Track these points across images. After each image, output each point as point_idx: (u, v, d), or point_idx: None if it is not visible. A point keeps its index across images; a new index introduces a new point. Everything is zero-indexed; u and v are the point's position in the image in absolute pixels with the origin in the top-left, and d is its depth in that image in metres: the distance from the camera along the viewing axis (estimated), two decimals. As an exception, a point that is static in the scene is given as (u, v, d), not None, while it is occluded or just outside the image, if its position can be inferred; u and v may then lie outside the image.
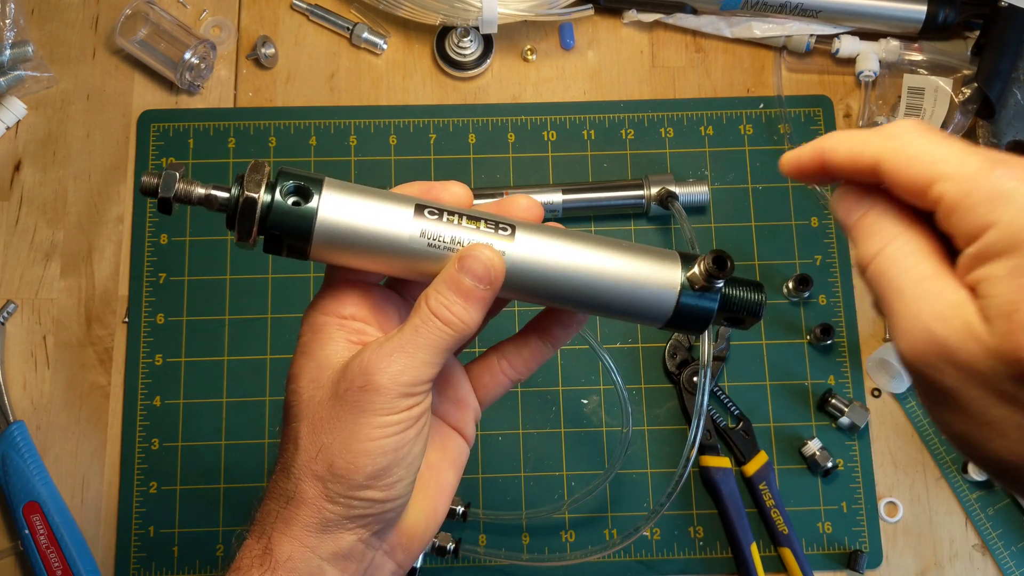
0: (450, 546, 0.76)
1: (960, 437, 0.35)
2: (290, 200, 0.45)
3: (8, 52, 0.85)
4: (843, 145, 0.38)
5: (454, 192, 0.48)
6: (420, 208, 0.46)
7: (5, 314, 0.82)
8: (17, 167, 0.86)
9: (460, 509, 0.77)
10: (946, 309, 0.34)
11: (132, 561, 0.78)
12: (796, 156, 0.40)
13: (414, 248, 0.45)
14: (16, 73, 0.86)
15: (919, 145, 0.36)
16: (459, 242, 0.46)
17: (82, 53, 0.89)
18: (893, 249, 0.36)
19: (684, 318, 0.47)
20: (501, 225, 0.47)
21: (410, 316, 0.45)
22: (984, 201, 0.33)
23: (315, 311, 0.48)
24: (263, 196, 0.44)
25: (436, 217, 0.46)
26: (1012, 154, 0.35)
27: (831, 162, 0.39)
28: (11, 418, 0.79)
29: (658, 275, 0.47)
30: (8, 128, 0.86)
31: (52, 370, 0.81)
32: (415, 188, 0.48)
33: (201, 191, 0.46)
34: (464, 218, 0.46)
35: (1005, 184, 0.33)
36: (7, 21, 0.85)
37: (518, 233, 0.47)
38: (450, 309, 0.45)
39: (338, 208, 0.45)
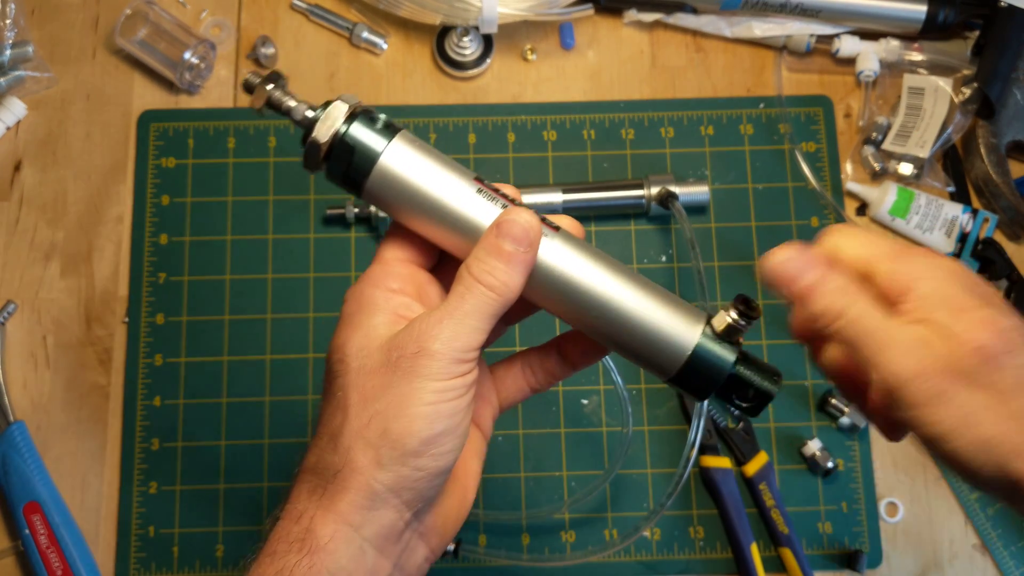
0: (450, 546, 0.76)
1: (942, 435, 0.42)
2: (369, 126, 0.46)
3: (8, 52, 0.85)
4: (789, 263, 0.47)
5: (508, 191, 0.50)
6: (480, 179, 0.48)
7: (5, 314, 0.82)
8: (17, 167, 0.86)
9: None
10: (914, 340, 0.43)
11: (132, 561, 0.78)
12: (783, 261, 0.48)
13: (464, 207, 0.47)
14: (16, 73, 0.86)
15: (854, 249, 0.47)
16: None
17: (82, 53, 0.89)
18: (861, 305, 0.45)
19: (699, 363, 0.46)
20: (548, 219, 0.48)
21: (454, 285, 0.46)
22: (903, 282, 0.45)
23: (362, 284, 0.49)
24: (344, 120, 0.46)
25: (493, 190, 0.47)
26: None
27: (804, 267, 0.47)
28: (11, 418, 0.79)
29: (683, 314, 0.47)
30: (8, 128, 0.86)
31: (52, 370, 0.81)
32: None
33: (291, 102, 0.48)
34: (516, 202, 0.48)
35: (915, 266, 0.45)
36: (7, 21, 0.85)
37: (561, 233, 0.48)
38: (492, 274, 0.46)
39: (406, 149, 0.47)
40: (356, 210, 0.83)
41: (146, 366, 0.82)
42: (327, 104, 0.47)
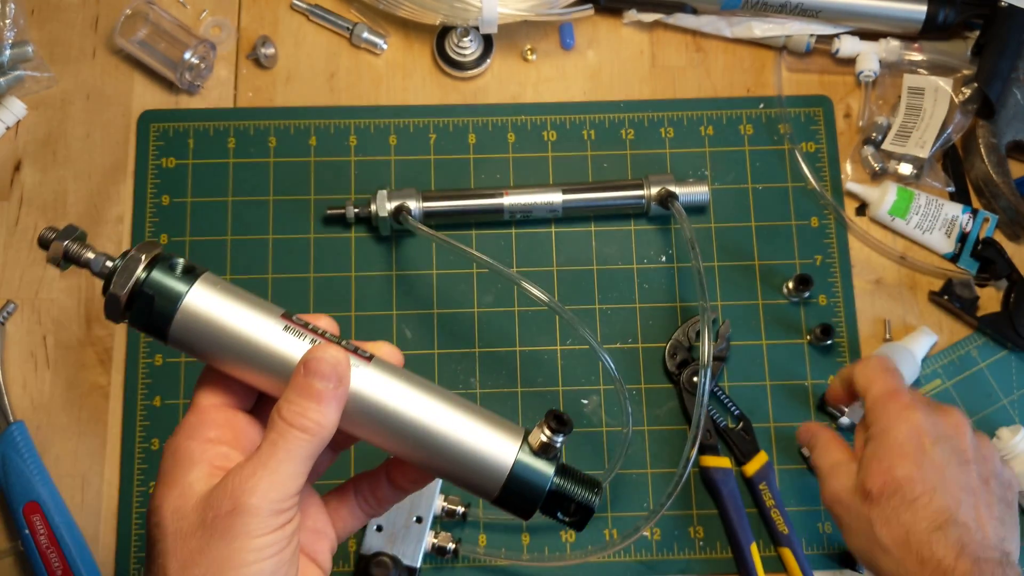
0: (450, 546, 0.76)
1: (845, 541, 0.64)
2: (168, 274, 0.45)
3: (8, 52, 0.85)
4: (839, 378, 0.72)
5: (322, 323, 0.48)
6: (288, 315, 0.47)
7: (5, 314, 0.82)
8: (17, 167, 0.86)
9: (460, 509, 0.77)
10: (841, 475, 0.64)
11: (132, 561, 0.78)
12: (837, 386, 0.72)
13: (273, 347, 0.46)
14: (16, 73, 0.86)
15: (865, 376, 0.66)
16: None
17: (82, 53, 0.89)
18: (820, 449, 0.68)
19: (518, 484, 0.46)
20: (360, 349, 0.47)
21: (266, 432, 0.45)
22: (879, 418, 0.64)
23: (177, 436, 0.46)
24: (143, 269, 0.45)
25: (302, 325, 0.46)
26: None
27: (844, 381, 0.70)
28: (11, 418, 0.79)
29: (499, 435, 0.47)
30: (8, 128, 0.86)
31: (52, 370, 0.81)
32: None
33: (90, 254, 0.46)
34: (327, 334, 0.47)
35: (891, 408, 0.63)
36: (7, 21, 0.85)
37: (374, 362, 0.47)
38: (304, 415, 0.44)
39: (208, 293, 0.46)
40: (356, 210, 0.83)
41: (146, 366, 0.82)
42: (126, 254, 0.46)
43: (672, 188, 0.82)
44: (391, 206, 0.81)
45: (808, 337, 0.83)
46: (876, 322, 0.84)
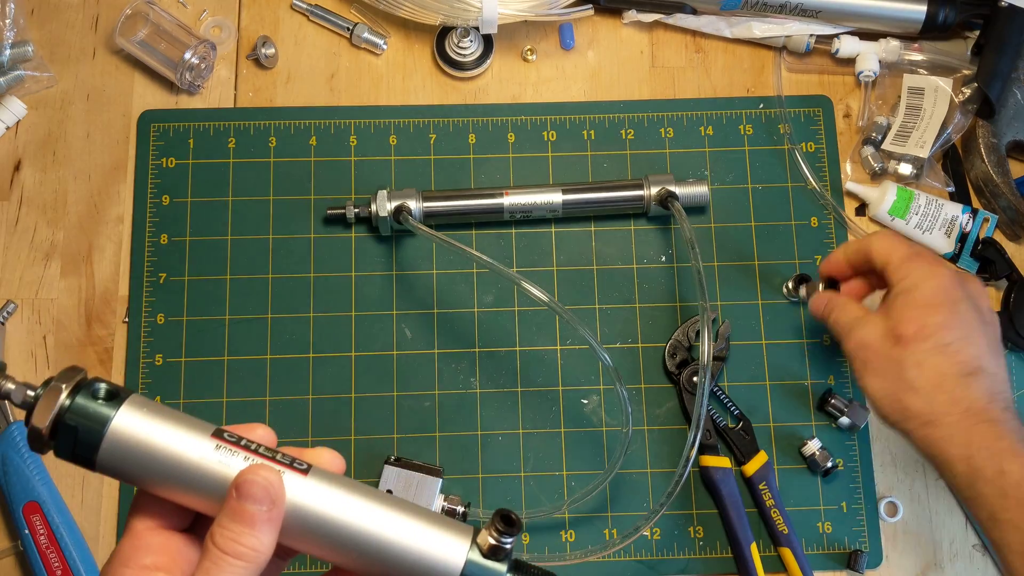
0: (459, 509, 0.75)
1: (864, 385, 0.68)
2: (91, 400, 0.44)
3: (8, 52, 0.85)
4: (850, 246, 0.74)
5: (258, 433, 0.47)
6: (219, 432, 0.45)
7: (5, 314, 0.82)
8: (17, 167, 0.86)
9: (460, 509, 0.77)
10: (867, 324, 0.69)
11: (132, 561, 0.78)
12: (842, 254, 0.75)
13: (205, 469, 0.44)
14: (16, 73, 0.86)
15: (885, 242, 0.71)
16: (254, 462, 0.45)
17: (82, 53, 0.89)
18: (837, 309, 0.72)
19: None
20: (297, 461, 0.45)
21: (200, 559, 0.43)
22: (906, 275, 0.68)
23: (112, 563, 0.44)
24: (65, 396, 0.43)
25: (233, 441, 0.45)
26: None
27: (849, 253, 0.74)
28: (11, 418, 0.79)
29: (447, 537, 0.45)
30: (8, 128, 0.86)
31: (52, 370, 0.81)
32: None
33: (10, 385, 0.45)
34: (261, 448, 0.45)
35: (917, 265, 0.68)
36: (7, 21, 0.85)
37: (312, 472, 0.45)
38: (237, 540, 0.42)
39: (134, 416, 0.44)
40: (357, 210, 0.83)
41: (146, 366, 0.82)
42: (47, 383, 0.44)
43: (672, 188, 0.82)
44: (391, 206, 0.81)
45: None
46: (876, 322, 0.84)
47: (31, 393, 0.44)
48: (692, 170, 0.87)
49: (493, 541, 0.44)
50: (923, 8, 0.86)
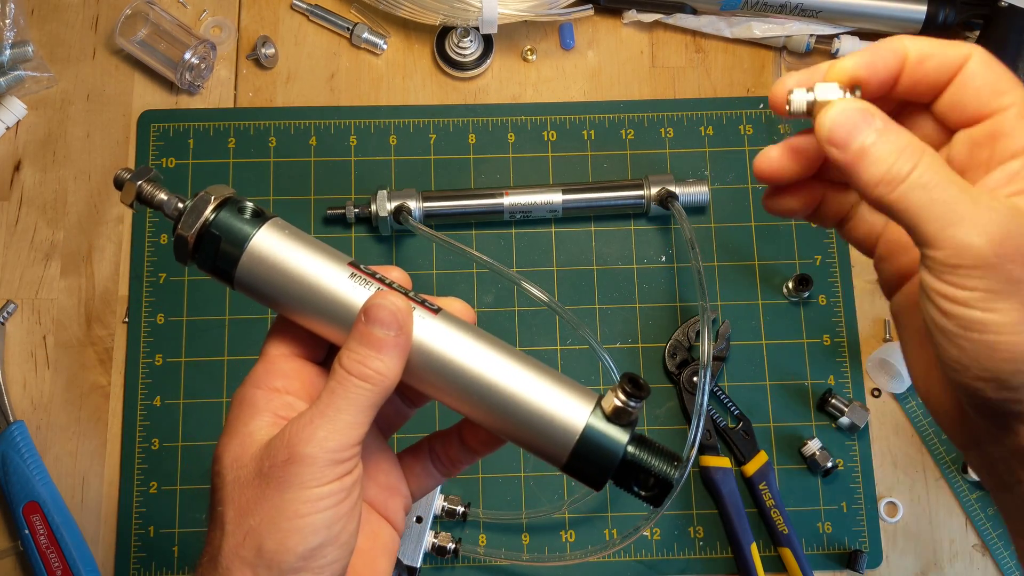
0: (450, 546, 0.76)
1: (1001, 326, 0.37)
2: (236, 216, 0.45)
3: (8, 52, 0.85)
4: (927, 41, 0.40)
5: (394, 275, 0.47)
6: (355, 263, 0.46)
7: (5, 314, 0.82)
8: (17, 167, 0.86)
9: (460, 509, 0.77)
10: (1002, 217, 0.37)
11: (132, 561, 0.78)
12: (871, 53, 0.41)
13: (337, 294, 0.45)
14: (16, 73, 0.86)
15: (998, 65, 0.40)
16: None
17: (82, 53, 0.89)
18: (928, 163, 0.37)
19: (589, 449, 0.43)
20: (428, 302, 0.46)
21: (328, 381, 0.43)
22: None
23: (244, 385, 0.46)
24: (211, 210, 0.45)
25: (368, 274, 0.46)
26: None
27: (916, 51, 0.40)
28: (11, 418, 0.79)
29: (571, 397, 0.44)
30: (8, 128, 0.86)
31: (52, 370, 0.81)
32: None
33: (163, 195, 0.46)
34: (395, 284, 0.46)
35: None
36: (7, 21, 0.85)
37: (441, 314, 0.45)
38: (364, 363, 0.43)
39: (275, 237, 0.45)
40: (357, 210, 0.83)
41: (146, 366, 0.82)
42: (196, 194, 0.46)
43: (672, 188, 0.82)
44: (391, 206, 0.81)
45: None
46: (876, 322, 0.84)
47: (180, 205, 0.45)
48: (692, 170, 0.87)
49: (619, 403, 0.43)
50: (923, 8, 0.86)
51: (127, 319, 0.82)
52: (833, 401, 0.81)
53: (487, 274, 0.84)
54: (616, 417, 0.43)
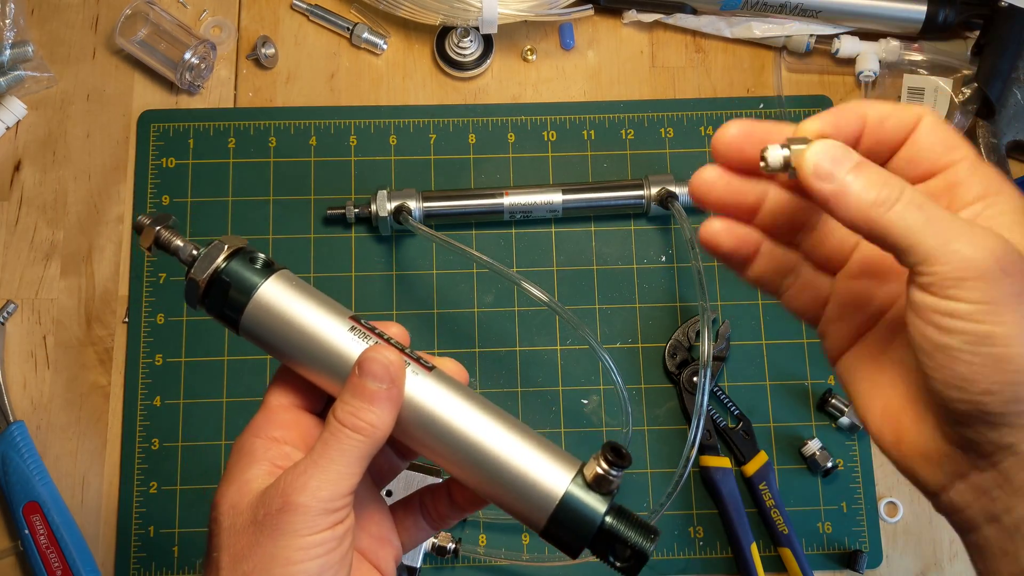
0: (450, 546, 0.76)
1: (1002, 337, 0.38)
2: (246, 266, 0.47)
3: (8, 52, 0.85)
4: (883, 105, 0.43)
5: (392, 331, 0.49)
6: (356, 317, 0.47)
7: (5, 314, 0.82)
8: (17, 167, 0.86)
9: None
10: (992, 235, 0.38)
11: (132, 561, 0.78)
12: (832, 116, 0.42)
13: (336, 347, 0.46)
14: (16, 73, 0.86)
15: (945, 124, 0.43)
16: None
17: (82, 53, 0.89)
18: (913, 190, 0.39)
19: (567, 516, 0.44)
20: (423, 359, 0.47)
21: (322, 432, 0.45)
22: (988, 176, 0.41)
23: (245, 433, 0.47)
24: (223, 258, 0.47)
25: (368, 328, 0.47)
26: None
27: (873, 114, 0.42)
28: (11, 418, 0.79)
29: (552, 463, 0.45)
30: (8, 128, 0.86)
31: (52, 370, 0.81)
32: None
33: (179, 242, 0.49)
34: (392, 340, 0.47)
35: (993, 173, 0.41)
36: (7, 21, 0.85)
37: (435, 372, 0.47)
38: (356, 415, 0.44)
39: (282, 288, 0.47)
40: (356, 210, 0.83)
41: (146, 366, 0.82)
42: (210, 243, 0.48)
43: (672, 188, 0.82)
44: (391, 206, 0.81)
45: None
46: (876, 322, 0.84)
47: (195, 252, 0.48)
48: (692, 170, 0.86)
49: (600, 471, 0.44)
50: (923, 8, 0.86)
51: (127, 319, 0.82)
52: (833, 401, 0.81)
53: (487, 274, 0.84)
54: (597, 485, 0.44)
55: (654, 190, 0.83)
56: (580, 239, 0.85)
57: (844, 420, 0.80)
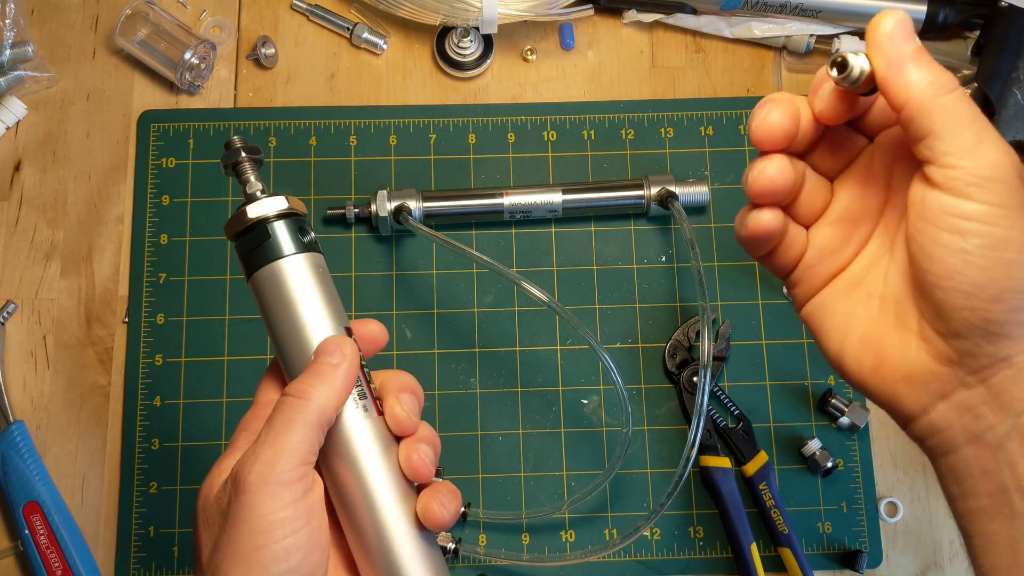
0: (450, 546, 0.76)
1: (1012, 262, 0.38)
2: (291, 230, 0.48)
3: (8, 52, 0.85)
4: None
5: (370, 328, 0.50)
6: (350, 331, 0.48)
7: (5, 314, 0.82)
8: (17, 167, 0.86)
9: (460, 509, 0.76)
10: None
11: (132, 561, 0.78)
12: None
13: (311, 344, 0.47)
14: (16, 73, 0.86)
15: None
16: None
17: (82, 53, 0.89)
18: (963, 89, 0.40)
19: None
20: (379, 400, 0.48)
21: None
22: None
23: (237, 429, 0.48)
24: (277, 215, 0.49)
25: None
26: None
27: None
28: (11, 418, 0.79)
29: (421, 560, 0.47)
30: (8, 128, 0.86)
31: (52, 370, 0.81)
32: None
33: (252, 176, 0.51)
34: (369, 374, 0.48)
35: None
36: (7, 21, 0.85)
37: (380, 420, 0.48)
38: (302, 384, 0.44)
39: (306, 269, 0.48)
40: (356, 210, 0.83)
41: (146, 366, 0.82)
42: (277, 195, 0.49)
43: (672, 188, 0.82)
44: (391, 206, 0.81)
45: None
46: (876, 322, 0.84)
47: (258, 194, 0.50)
48: (692, 170, 0.87)
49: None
50: (923, 8, 0.86)
51: (127, 319, 0.82)
52: (833, 401, 0.81)
53: (487, 274, 0.84)
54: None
55: (654, 190, 0.83)
56: (580, 239, 0.85)
57: (844, 420, 0.80)
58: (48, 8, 0.89)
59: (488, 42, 0.88)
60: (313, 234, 0.49)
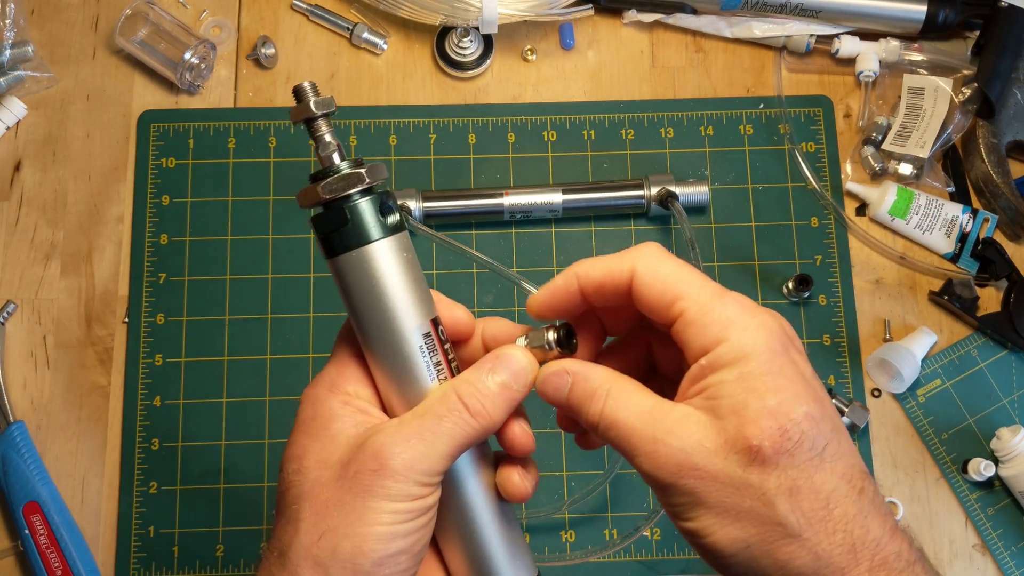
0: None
1: (697, 531, 0.41)
2: (372, 210, 0.44)
3: (8, 52, 0.85)
4: (597, 266, 0.45)
5: (455, 315, 0.48)
6: (436, 322, 0.46)
7: (5, 314, 0.82)
8: (17, 167, 0.86)
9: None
10: (677, 428, 0.41)
11: (132, 561, 0.78)
12: (548, 291, 0.46)
13: (399, 344, 0.45)
14: (16, 73, 0.86)
15: (667, 267, 0.44)
16: (442, 371, 0.45)
17: (82, 53, 0.89)
18: (612, 399, 0.43)
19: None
20: (488, 448, 0.48)
21: (433, 402, 0.44)
22: (717, 321, 0.41)
23: (317, 386, 0.46)
24: (359, 192, 0.44)
25: (438, 342, 0.45)
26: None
27: (587, 282, 0.45)
28: (11, 418, 0.79)
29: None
30: (8, 128, 0.86)
31: (52, 370, 0.81)
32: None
33: (328, 137, 0.45)
34: (453, 363, 0.46)
35: (733, 310, 0.41)
36: (7, 21, 0.85)
37: (490, 462, 0.48)
38: (481, 401, 0.43)
39: (391, 255, 0.44)
40: (356, 210, 0.82)
41: (146, 366, 0.82)
42: (358, 162, 0.44)
43: (672, 188, 0.82)
44: (391, 206, 0.81)
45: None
46: (876, 322, 0.84)
47: (336, 161, 0.45)
48: (692, 170, 0.87)
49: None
50: (923, 8, 0.86)
51: (127, 319, 0.82)
52: (833, 401, 0.80)
53: (487, 274, 0.84)
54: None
55: (654, 190, 0.83)
56: (580, 239, 0.85)
57: (844, 420, 0.80)
58: (48, 8, 0.89)
59: (488, 42, 0.88)
60: (396, 210, 0.45)
